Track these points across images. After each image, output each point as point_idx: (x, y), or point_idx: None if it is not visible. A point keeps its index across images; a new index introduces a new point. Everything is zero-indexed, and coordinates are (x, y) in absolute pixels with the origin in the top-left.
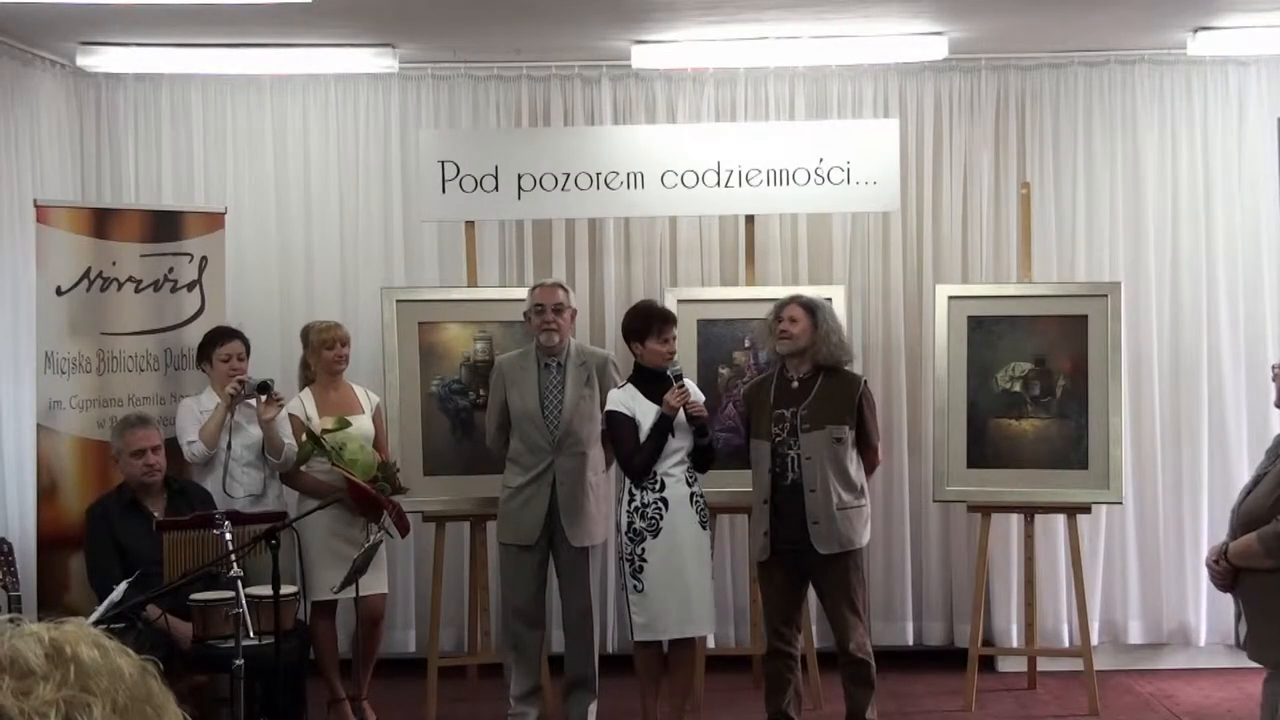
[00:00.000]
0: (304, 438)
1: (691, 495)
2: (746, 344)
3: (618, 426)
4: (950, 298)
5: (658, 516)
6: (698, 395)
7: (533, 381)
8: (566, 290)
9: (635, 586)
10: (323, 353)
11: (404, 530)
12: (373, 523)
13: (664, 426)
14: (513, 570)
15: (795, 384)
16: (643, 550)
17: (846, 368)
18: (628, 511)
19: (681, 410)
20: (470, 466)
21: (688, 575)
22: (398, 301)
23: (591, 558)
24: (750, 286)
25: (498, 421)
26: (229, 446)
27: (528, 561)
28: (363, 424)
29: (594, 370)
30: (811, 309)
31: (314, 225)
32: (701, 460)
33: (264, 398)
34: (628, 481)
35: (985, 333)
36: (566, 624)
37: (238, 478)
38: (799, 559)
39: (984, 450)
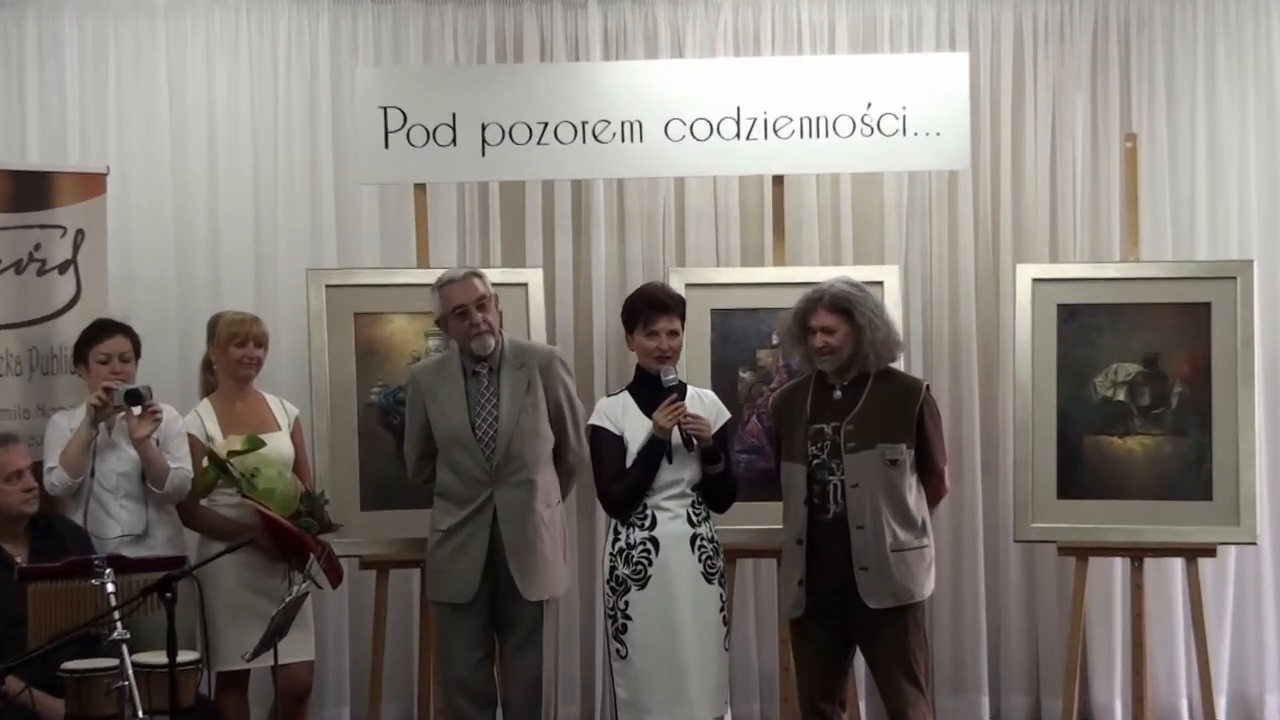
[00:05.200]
0: (205, 462)
1: (694, 537)
2: (774, 340)
3: (599, 445)
4: (1035, 281)
5: (645, 561)
6: (712, 409)
7: (458, 394)
8: (482, 277)
9: (618, 651)
10: (229, 350)
11: (335, 580)
12: (295, 570)
13: (653, 451)
14: (450, 635)
15: (838, 392)
16: (625, 604)
17: (899, 365)
18: (610, 554)
19: (677, 430)
20: (420, 498)
21: (683, 639)
22: (328, 287)
23: (548, 615)
24: (779, 267)
25: (419, 449)
26: (93, 473)
27: (467, 623)
28: (279, 444)
29: (536, 372)
30: (845, 307)
31: (221, 190)
32: (717, 494)
33: (135, 410)
34: (613, 520)
35: (1080, 325)
36: (506, 699)
37: (112, 513)
38: (843, 616)
39: (1079, 476)
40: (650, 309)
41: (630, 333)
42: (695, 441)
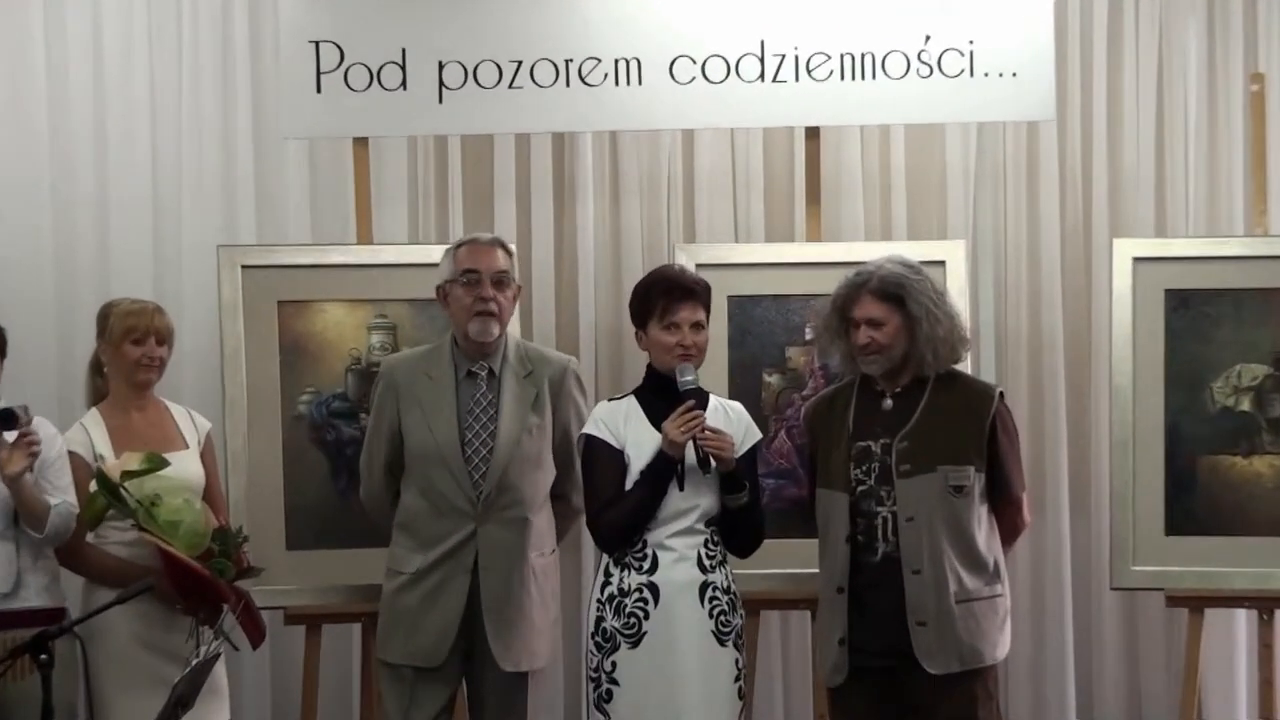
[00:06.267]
0: (93, 486)
1: (705, 586)
2: (808, 335)
3: (592, 460)
4: (1137, 261)
5: (640, 613)
6: (739, 426)
7: (446, 399)
8: (510, 252)
9: None
10: (125, 348)
11: (256, 638)
12: (205, 625)
13: (660, 471)
14: (407, 707)
15: (888, 401)
16: (612, 666)
17: (965, 367)
18: (598, 601)
19: (691, 446)
20: (360, 534)
21: (685, 715)
22: (244, 268)
23: (532, 688)
24: (813, 244)
25: (384, 461)
26: None
27: (431, 694)
28: (186, 465)
29: (545, 385)
30: (897, 294)
31: (110, 149)
32: (739, 533)
33: (7, 436)
34: (604, 557)
35: (1194, 316)
36: None
37: None
38: (896, 682)
39: (1192, 506)
40: (668, 295)
41: (642, 327)
42: (714, 463)
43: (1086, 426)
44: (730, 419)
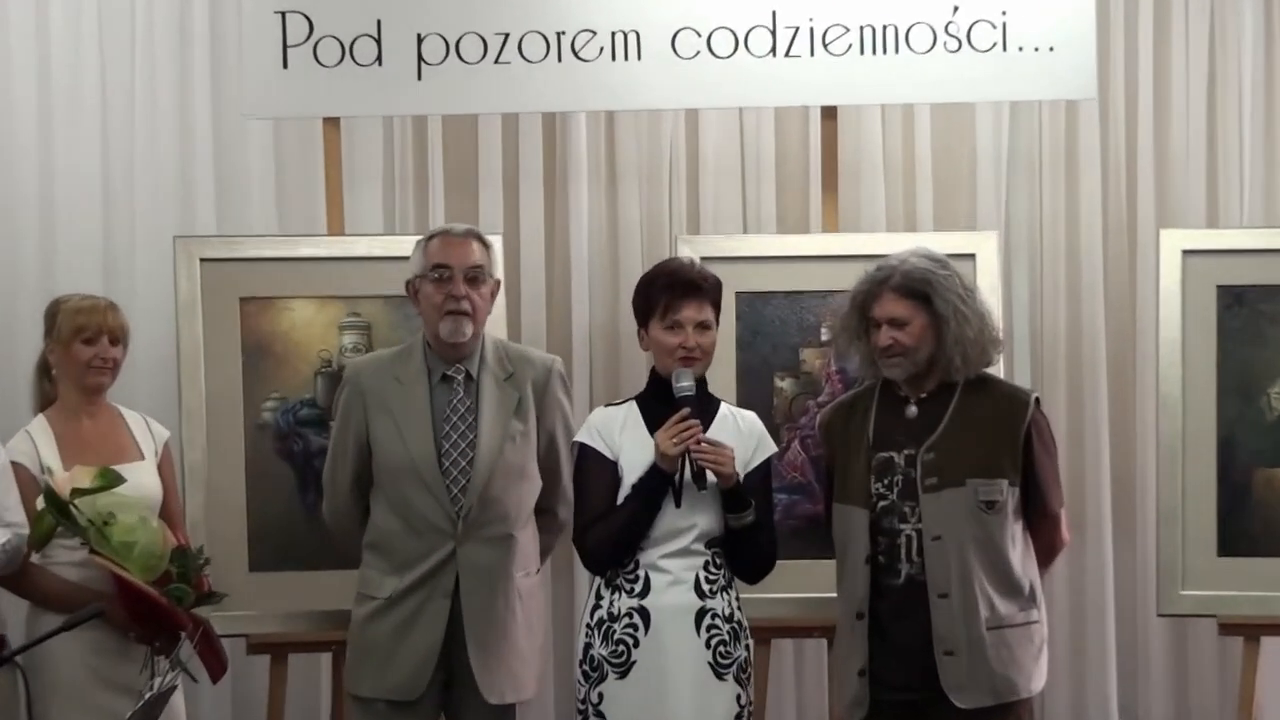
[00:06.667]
0: (40, 503)
1: (702, 613)
2: (824, 335)
3: (583, 470)
4: (1186, 254)
5: (629, 640)
6: (750, 437)
7: (420, 405)
8: (487, 245)
9: None
10: (75, 347)
11: (217, 670)
12: (161, 655)
13: (652, 485)
14: None
15: (912, 407)
16: (599, 698)
17: (997, 370)
18: (587, 626)
19: (686, 461)
20: (330, 555)
21: None
22: (204, 262)
23: None
24: (830, 235)
25: (351, 475)
26: None
27: None
28: (142, 479)
29: (529, 388)
30: (923, 291)
31: (55, 131)
32: (747, 555)
33: None
34: (597, 578)
35: (1249, 315)
36: None
37: None
38: (920, 717)
39: (1248, 525)
40: (671, 291)
41: (644, 325)
42: (708, 478)
43: (1131, 436)
44: (741, 430)
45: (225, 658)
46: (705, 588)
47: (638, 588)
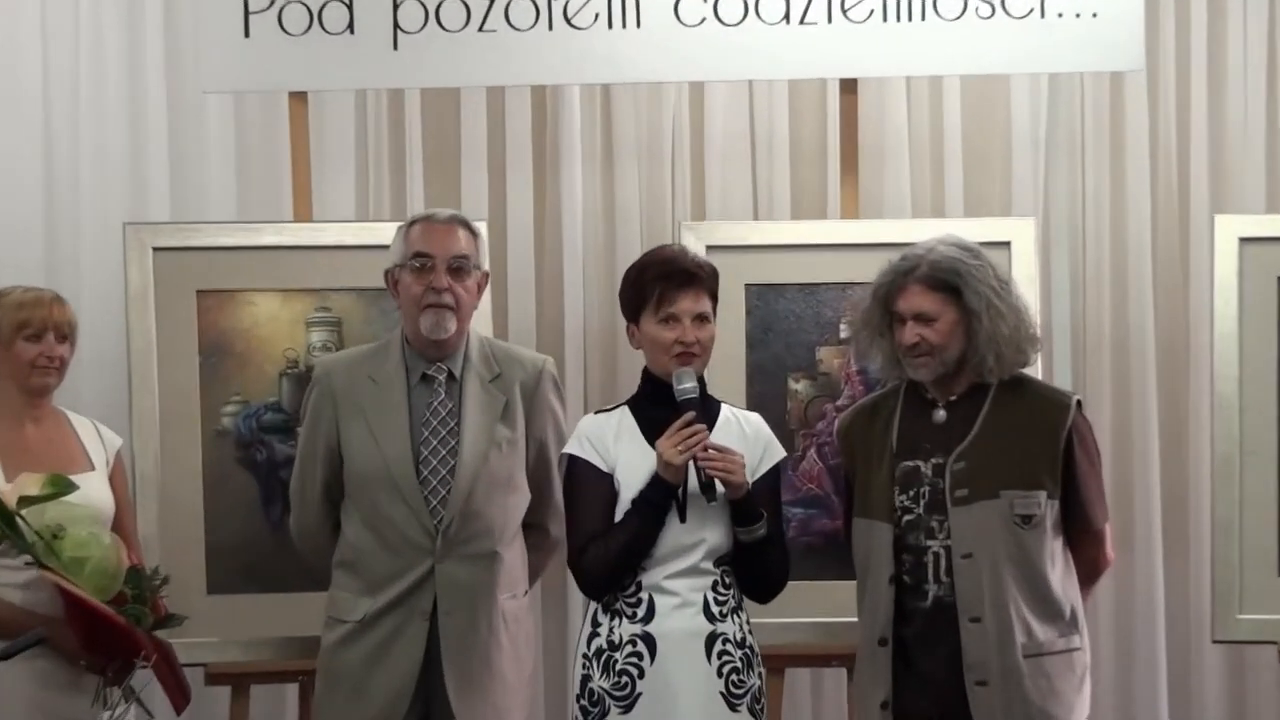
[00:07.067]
0: None
1: (714, 638)
2: (843, 333)
3: (575, 485)
4: (1244, 242)
5: (633, 671)
6: (757, 442)
7: (396, 408)
8: (474, 233)
9: None
10: (17, 345)
11: (179, 700)
12: (114, 685)
13: (656, 499)
14: None
15: (940, 412)
16: None
17: (1034, 371)
18: (584, 656)
19: (691, 469)
20: (297, 576)
21: None
22: (157, 251)
23: None
24: (849, 221)
25: (321, 485)
26: None
27: None
28: (94, 490)
29: (516, 391)
30: (952, 283)
31: None
32: (757, 573)
33: None
34: (592, 603)
35: None
36: None
37: None
38: None
39: None
40: (666, 281)
41: (635, 320)
42: (720, 489)
43: (1183, 442)
44: (746, 434)
45: (188, 686)
46: (715, 610)
47: (640, 612)
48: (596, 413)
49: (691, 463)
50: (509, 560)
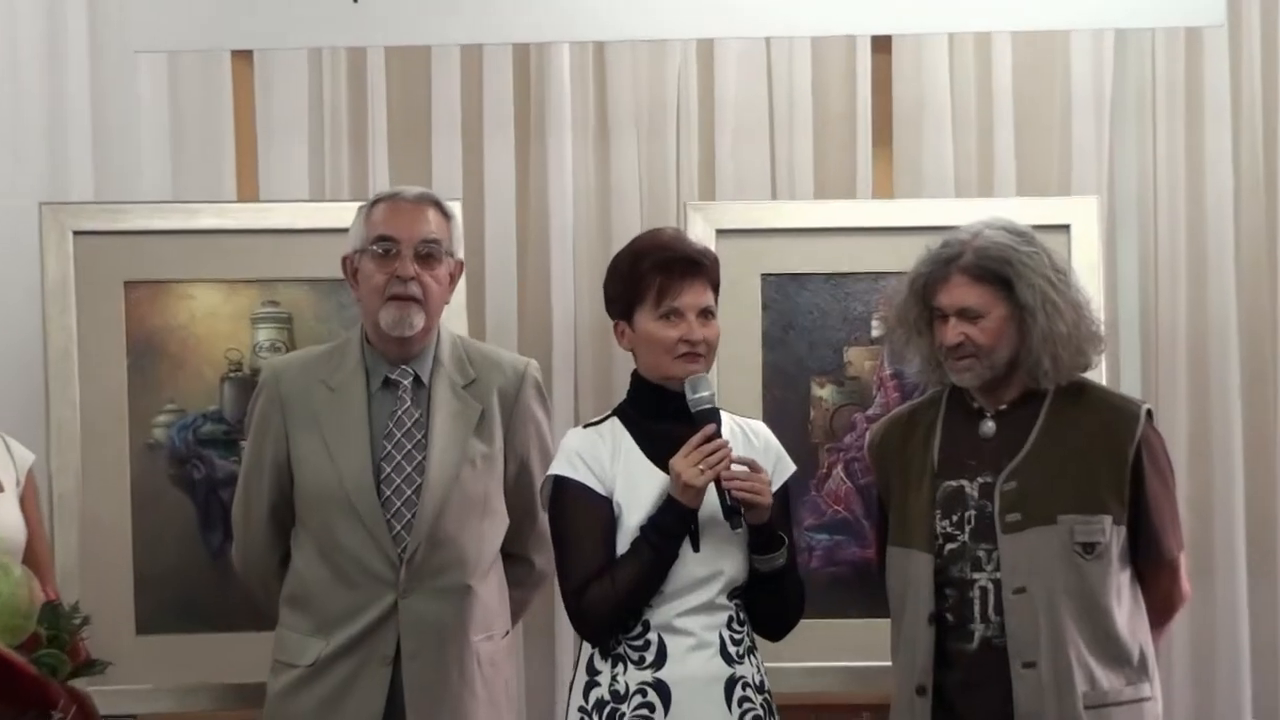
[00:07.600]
0: None
1: (733, 682)
2: (875, 331)
3: (567, 512)
4: None
5: None
6: (766, 456)
7: (355, 418)
8: (446, 215)
9: None
10: None
11: None
12: None
13: (671, 526)
14: None
15: (988, 423)
16: None
17: (1097, 375)
18: (581, 710)
19: (714, 487)
20: (240, 613)
21: None
22: (77, 235)
23: None
24: (882, 201)
25: (267, 506)
26: None
27: None
28: (1, 514)
29: (494, 399)
30: (1002, 274)
31: None
32: (773, 606)
33: None
34: (587, 646)
35: None
36: None
37: None
38: None
39: None
40: (667, 271)
41: (625, 317)
42: (743, 512)
43: (1270, 456)
44: (755, 446)
45: None
46: (732, 650)
47: (649, 656)
48: (585, 426)
49: (714, 483)
50: (484, 595)
